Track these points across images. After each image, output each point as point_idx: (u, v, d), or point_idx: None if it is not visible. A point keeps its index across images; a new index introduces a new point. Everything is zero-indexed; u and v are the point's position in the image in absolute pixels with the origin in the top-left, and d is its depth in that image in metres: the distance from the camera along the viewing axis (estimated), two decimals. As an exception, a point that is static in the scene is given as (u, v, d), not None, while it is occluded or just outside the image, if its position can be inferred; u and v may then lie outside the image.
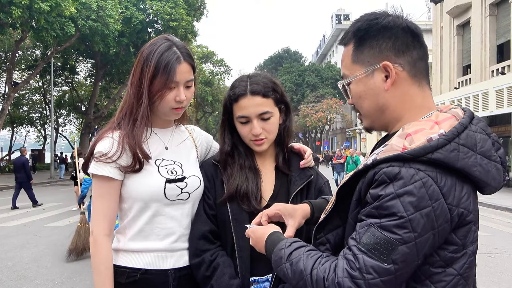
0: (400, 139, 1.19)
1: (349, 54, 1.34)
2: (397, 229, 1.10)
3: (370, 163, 1.20)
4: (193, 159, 1.99)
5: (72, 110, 43.11)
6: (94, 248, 1.78)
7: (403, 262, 1.11)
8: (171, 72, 1.75)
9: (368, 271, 1.11)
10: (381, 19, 1.30)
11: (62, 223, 11.37)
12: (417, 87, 1.29)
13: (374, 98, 1.30)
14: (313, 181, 1.91)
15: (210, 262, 1.79)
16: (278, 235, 1.43)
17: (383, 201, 1.12)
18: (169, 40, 1.83)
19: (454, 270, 1.17)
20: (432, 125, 1.20)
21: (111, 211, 1.82)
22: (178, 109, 1.83)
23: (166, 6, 27.78)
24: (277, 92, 1.87)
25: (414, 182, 1.11)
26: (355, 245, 1.15)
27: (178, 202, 1.85)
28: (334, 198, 1.33)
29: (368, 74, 1.29)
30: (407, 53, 1.28)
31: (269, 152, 1.95)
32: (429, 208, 1.10)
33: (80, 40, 26.76)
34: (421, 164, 1.13)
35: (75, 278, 6.46)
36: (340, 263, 1.17)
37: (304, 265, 1.23)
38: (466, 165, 1.15)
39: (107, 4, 24.15)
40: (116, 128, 1.86)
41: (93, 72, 36.40)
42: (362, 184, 1.22)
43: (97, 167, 1.79)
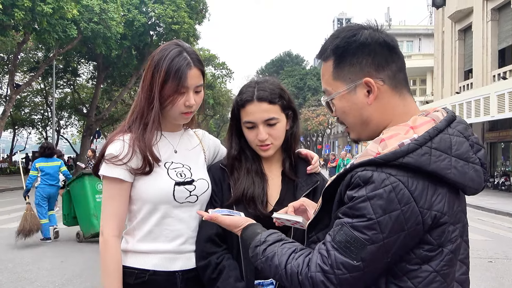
0: (375, 144, 1.25)
1: (330, 70, 1.37)
2: (366, 229, 1.17)
3: (348, 167, 1.26)
4: (201, 162, 2.02)
5: (73, 112, 43.14)
6: (104, 249, 1.81)
7: (371, 260, 1.18)
8: (182, 77, 1.78)
9: (338, 267, 1.19)
10: (358, 36, 1.33)
11: (62, 225, 11.33)
12: (398, 97, 1.34)
13: (358, 112, 1.34)
14: (319, 186, 1.93)
15: (216, 264, 1.82)
16: (253, 228, 1.51)
17: (355, 202, 1.19)
18: (179, 46, 1.86)
19: (430, 267, 1.22)
20: (407, 130, 1.25)
21: (121, 213, 1.85)
22: (187, 114, 1.87)
23: (168, 9, 27.83)
24: (284, 99, 1.89)
25: (384, 186, 1.16)
26: (330, 241, 1.23)
27: (187, 204, 1.88)
28: (321, 200, 1.39)
29: (351, 90, 1.33)
30: (387, 68, 1.32)
31: (276, 157, 1.98)
32: (398, 211, 1.16)
33: (82, 42, 26.81)
34: (393, 169, 1.18)
35: (75, 280, 6.48)
36: (314, 258, 1.24)
37: (279, 261, 1.31)
38: (438, 168, 1.18)
39: (109, 7, 24.19)
40: (127, 131, 1.89)
41: (95, 75, 36.47)
42: (342, 187, 1.28)
43: (108, 169, 1.82)
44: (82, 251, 8.34)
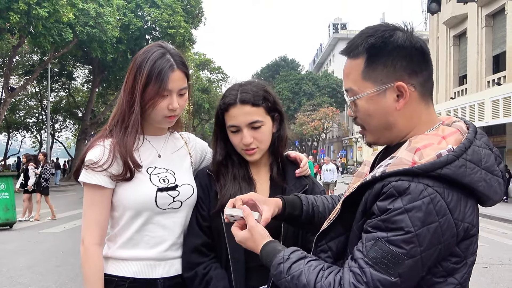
0: (410, 153, 1.20)
1: (359, 69, 1.30)
2: (404, 243, 1.11)
3: (378, 175, 1.20)
4: (187, 167, 1.97)
5: (68, 115, 43.03)
6: (85, 257, 1.77)
7: (409, 275, 1.13)
8: (164, 80, 1.73)
9: (375, 285, 1.12)
10: (396, 37, 1.27)
11: (57, 229, 11.31)
12: (424, 105, 1.31)
13: (384, 116, 1.29)
14: (308, 190, 1.89)
15: (203, 275, 1.78)
16: (273, 245, 1.41)
17: (391, 215, 1.13)
18: (162, 48, 1.81)
19: (455, 279, 1.20)
20: (439, 140, 1.22)
21: (103, 220, 1.80)
22: (171, 117, 1.82)
23: (164, 13, 27.86)
24: (269, 101, 1.84)
25: (422, 198, 1.12)
26: (361, 258, 1.16)
27: (170, 210, 1.83)
28: (339, 208, 1.33)
29: (380, 93, 1.27)
30: (420, 74, 1.28)
31: (264, 161, 1.92)
32: (436, 224, 1.12)
33: (78, 46, 26.82)
34: (430, 180, 1.14)
35: (69, 285, 6.42)
36: (346, 276, 1.17)
37: (307, 279, 1.23)
38: (472, 180, 1.16)
39: (105, 11, 24.19)
40: (108, 136, 1.84)
41: (90, 78, 36.39)
42: (368, 196, 1.22)
43: (88, 176, 1.78)
44: (78, 256, 8.17)
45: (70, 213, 14.50)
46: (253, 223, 1.45)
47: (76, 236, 10.08)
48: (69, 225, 11.99)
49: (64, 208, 15.59)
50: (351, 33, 55.81)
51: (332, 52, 62.45)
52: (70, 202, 18.21)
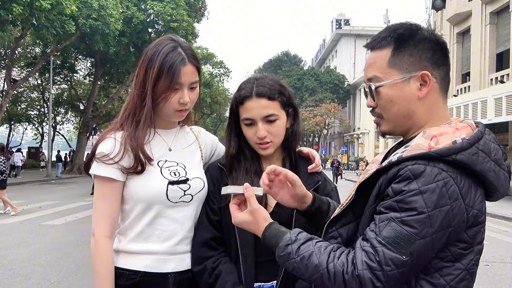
0: (426, 139, 1.26)
1: (386, 57, 1.37)
2: (417, 223, 1.16)
3: (395, 160, 1.26)
4: (197, 160, 1.96)
5: (70, 108, 42.97)
6: (95, 250, 1.76)
7: (419, 255, 1.18)
8: (176, 73, 1.73)
9: (387, 263, 1.17)
10: (422, 30, 1.37)
11: (58, 222, 11.32)
12: (442, 99, 1.38)
13: (406, 104, 1.35)
14: (320, 186, 1.88)
15: (212, 269, 1.77)
16: (276, 227, 1.44)
17: (405, 195, 1.18)
18: (174, 41, 1.80)
19: (462, 265, 1.24)
20: (454, 131, 1.29)
21: (113, 213, 1.80)
22: (181, 111, 1.81)
23: (167, 7, 27.75)
24: (284, 95, 1.83)
25: (437, 181, 1.18)
26: (374, 237, 1.20)
27: (181, 204, 1.82)
28: (353, 194, 1.37)
29: (405, 80, 1.34)
30: (441, 67, 1.36)
31: (276, 156, 1.91)
32: (448, 207, 1.17)
33: (80, 38, 26.73)
34: (444, 165, 1.20)
35: (71, 278, 6.42)
36: (359, 255, 1.21)
37: (319, 260, 1.26)
38: (483, 169, 1.23)
39: (108, 4, 24.12)
40: (119, 129, 1.84)
41: (92, 71, 36.28)
42: (383, 180, 1.27)
43: (99, 168, 1.77)
44: (79, 248, 8.26)
45: (71, 205, 14.51)
46: (256, 205, 1.47)
47: (78, 229, 10.15)
48: (70, 217, 11.99)
49: (65, 201, 15.63)
50: (354, 29, 55.75)
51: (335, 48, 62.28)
52: (72, 194, 18.24)
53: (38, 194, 18.03)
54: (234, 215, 1.50)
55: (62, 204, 14.71)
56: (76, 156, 34.27)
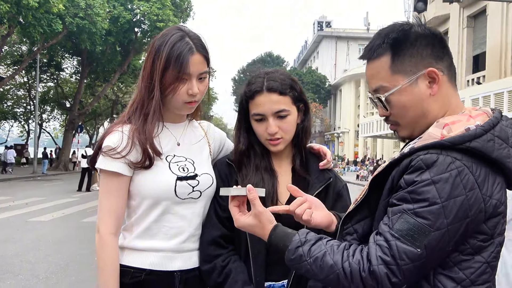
0: (438, 128, 1.21)
1: (386, 65, 1.29)
2: (430, 215, 1.10)
3: (407, 151, 1.20)
4: (206, 156, 1.86)
5: (56, 106, 42.33)
6: (100, 247, 1.65)
7: (435, 248, 1.11)
8: (183, 63, 1.62)
9: (401, 257, 1.10)
10: (415, 28, 1.29)
11: (45, 218, 11.04)
12: (452, 89, 1.31)
13: (419, 105, 1.28)
14: (331, 184, 1.78)
15: (222, 268, 1.67)
16: (282, 229, 1.35)
17: (418, 186, 1.12)
18: (181, 30, 1.70)
19: (482, 258, 1.17)
20: (468, 118, 1.22)
21: (119, 209, 1.68)
22: (191, 103, 1.70)
23: (153, 7, 27.46)
24: (295, 90, 1.74)
25: (450, 170, 1.11)
26: (388, 231, 1.14)
27: (189, 200, 1.72)
28: (367, 188, 1.30)
29: (412, 83, 1.27)
30: (444, 58, 1.29)
31: (286, 153, 1.81)
32: (462, 197, 1.10)
33: (67, 37, 26.35)
34: (458, 153, 1.14)
35: (60, 274, 6.23)
36: (373, 251, 1.15)
37: (334, 260, 1.19)
38: (501, 155, 1.15)
39: (95, 3, 23.81)
40: (126, 122, 1.73)
41: (78, 70, 35.74)
42: (395, 173, 1.21)
43: (105, 162, 1.66)
44: (67, 245, 8.06)
45: (58, 202, 14.22)
46: (261, 208, 1.37)
47: (65, 225, 9.94)
48: (57, 214, 11.72)
49: (52, 197, 15.31)
50: (336, 31, 55.94)
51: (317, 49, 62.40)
52: (58, 191, 17.90)
53: (24, 191, 17.64)
54: (236, 218, 1.40)
55: (49, 201, 14.39)
56: (62, 153, 33.77)
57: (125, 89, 42.30)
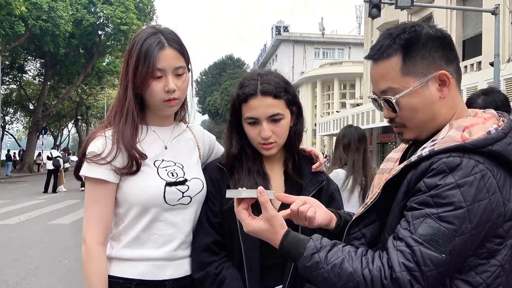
0: (458, 131, 1.14)
1: (397, 67, 1.21)
2: (456, 219, 1.04)
3: (426, 154, 1.12)
4: (195, 160, 1.73)
5: (19, 108, 40.72)
6: (87, 258, 1.51)
7: (459, 253, 1.05)
8: (152, 58, 1.49)
9: (425, 263, 1.03)
10: (426, 30, 1.22)
11: (11, 221, 10.52)
12: (458, 92, 1.25)
13: (429, 107, 1.21)
14: (324, 186, 1.70)
15: (215, 275, 1.55)
16: (294, 235, 1.24)
17: (442, 190, 1.05)
18: (154, 28, 1.57)
19: (497, 261, 1.12)
20: (483, 121, 1.17)
21: (106, 217, 1.55)
22: (170, 101, 1.56)
23: (117, 10, 26.83)
24: (289, 93, 1.63)
25: (474, 174, 1.06)
26: (409, 236, 1.06)
27: (179, 206, 1.59)
28: (379, 192, 1.21)
29: (423, 85, 1.20)
30: (454, 62, 1.23)
31: (278, 156, 1.71)
32: (486, 201, 1.05)
33: (30, 39, 25.40)
34: (480, 157, 1.08)
35: (29, 279, 5.90)
36: (394, 257, 1.07)
37: (353, 267, 1.10)
38: None
39: (58, 5, 23.07)
40: (107, 126, 1.59)
41: (42, 72, 34.48)
42: (412, 176, 1.14)
43: (90, 169, 1.52)
44: (36, 248, 7.69)
45: (24, 204, 13.62)
46: (273, 212, 1.25)
47: (32, 228, 9.51)
48: (24, 216, 11.19)
49: (18, 200, 14.65)
50: (293, 36, 56.26)
51: (275, 53, 62.57)
52: (23, 193, 17.16)
53: (-12, 194, 16.85)
54: (247, 223, 1.26)
55: (14, 203, 13.75)
56: (27, 155, 32.48)
57: (89, 91, 41.24)
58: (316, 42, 55.61)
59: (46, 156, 18.78)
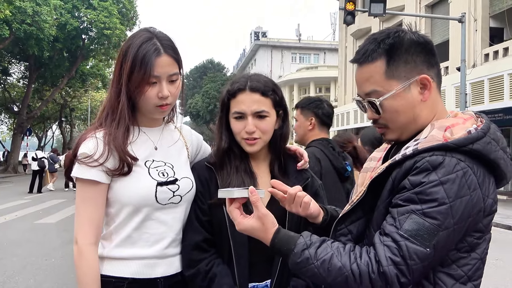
0: (440, 131, 1.15)
1: (381, 70, 1.22)
2: (439, 215, 1.05)
3: (410, 153, 1.13)
4: (184, 159, 1.69)
5: (3, 110, 39.70)
6: (79, 258, 1.46)
7: (442, 247, 1.07)
8: (149, 65, 1.45)
9: (411, 257, 1.05)
10: (409, 36, 1.23)
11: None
12: (439, 96, 1.27)
13: (411, 110, 1.22)
14: (309, 183, 1.69)
15: (206, 272, 1.53)
16: (285, 232, 1.24)
17: (426, 187, 1.07)
18: (150, 32, 1.52)
19: (477, 254, 1.14)
20: (463, 121, 1.19)
21: (97, 218, 1.50)
22: (162, 107, 1.53)
23: (100, 15, 26.39)
24: (277, 94, 1.62)
25: (456, 171, 1.07)
26: (395, 231, 1.07)
27: (170, 205, 1.56)
28: (365, 190, 1.22)
29: (406, 88, 1.21)
30: (435, 66, 1.25)
31: (263, 155, 1.69)
32: (467, 197, 1.07)
33: (14, 42, 24.70)
34: (461, 155, 1.10)
35: (16, 277, 5.74)
36: (381, 252, 1.08)
37: (342, 262, 1.11)
38: (496, 157, 1.13)
39: (42, 10, 22.53)
40: (98, 128, 1.54)
41: (26, 75, 33.61)
42: (397, 174, 1.15)
43: (82, 171, 1.47)
44: (22, 247, 7.49)
45: (9, 204, 13.27)
46: (264, 210, 1.25)
47: (18, 228, 9.28)
48: (10, 216, 10.91)
49: (3, 200, 14.26)
50: (271, 41, 56.38)
51: (254, 57, 62.58)
52: (9, 193, 16.71)
53: (-28, 194, 16.37)
54: (239, 221, 1.26)
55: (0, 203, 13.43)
56: (11, 156, 31.68)
57: (73, 94, 40.47)
58: (293, 47, 55.85)
59: (31, 157, 18.39)
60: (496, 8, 15.67)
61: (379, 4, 12.52)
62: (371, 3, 12.62)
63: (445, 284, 1.12)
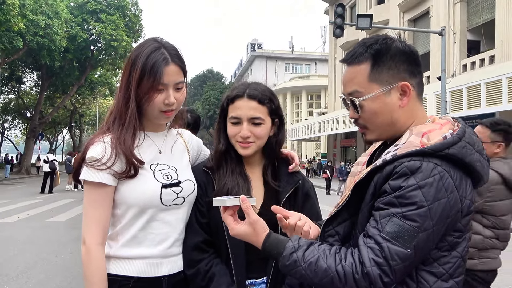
0: (417, 137, 1.13)
1: (365, 72, 1.20)
2: (418, 217, 1.03)
3: (390, 158, 1.11)
4: (186, 162, 1.67)
5: (17, 116, 39.56)
6: (87, 258, 1.43)
7: (422, 247, 1.05)
8: (158, 73, 1.43)
9: (393, 258, 1.03)
10: (396, 43, 1.22)
11: (11, 219, 10.14)
12: (419, 103, 1.25)
13: (389, 114, 1.21)
14: (300, 185, 1.66)
15: (205, 272, 1.51)
16: (275, 236, 1.22)
17: (405, 191, 1.05)
18: (157, 42, 1.51)
19: (458, 253, 1.13)
20: (440, 127, 1.17)
21: (105, 219, 1.47)
22: (167, 113, 1.51)
23: (108, 28, 26.41)
24: (273, 103, 1.60)
25: (433, 175, 1.05)
26: (378, 234, 1.06)
27: (174, 207, 1.53)
28: (349, 193, 1.20)
29: (386, 92, 1.19)
30: (417, 76, 1.23)
31: (257, 160, 1.66)
32: (445, 199, 1.05)
33: (28, 53, 24.70)
34: (438, 160, 1.08)
35: (29, 272, 5.68)
36: (365, 253, 1.06)
37: (327, 263, 1.09)
38: (472, 160, 1.11)
39: (53, 23, 22.53)
40: (106, 132, 1.52)
41: (38, 83, 33.51)
42: (378, 178, 1.12)
43: (90, 173, 1.44)
44: (34, 244, 7.42)
45: (22, 204, 13.17)
46: (255, 217, 1.23)
47: (30, 226, 9.21)
48: (23, 215, 10.81)
49: (16, 200, 14.16)
50: (266, 52, 56.51)
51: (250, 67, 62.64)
52: (22, 193, 16.60)
53: (-12, 194, 16.26)
54: (232, 227, 1.24)
55: (13, 203, 13.28)
56: (24, 159, 31.51)
57: (82, 100, 40.40)
58: (286, 58, 56.09)
59: (43, 160, 18.28)
60: (473, 23, 15.78)
61: (366, 19, 12.58)
62: (359, 17, 12.70)
63: (427, 281, 1.10)
